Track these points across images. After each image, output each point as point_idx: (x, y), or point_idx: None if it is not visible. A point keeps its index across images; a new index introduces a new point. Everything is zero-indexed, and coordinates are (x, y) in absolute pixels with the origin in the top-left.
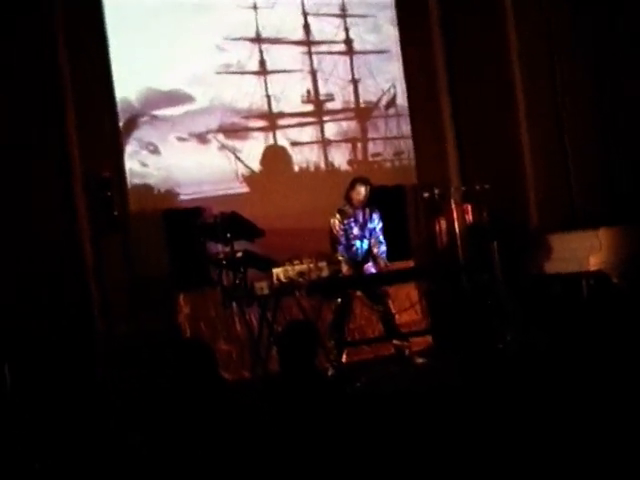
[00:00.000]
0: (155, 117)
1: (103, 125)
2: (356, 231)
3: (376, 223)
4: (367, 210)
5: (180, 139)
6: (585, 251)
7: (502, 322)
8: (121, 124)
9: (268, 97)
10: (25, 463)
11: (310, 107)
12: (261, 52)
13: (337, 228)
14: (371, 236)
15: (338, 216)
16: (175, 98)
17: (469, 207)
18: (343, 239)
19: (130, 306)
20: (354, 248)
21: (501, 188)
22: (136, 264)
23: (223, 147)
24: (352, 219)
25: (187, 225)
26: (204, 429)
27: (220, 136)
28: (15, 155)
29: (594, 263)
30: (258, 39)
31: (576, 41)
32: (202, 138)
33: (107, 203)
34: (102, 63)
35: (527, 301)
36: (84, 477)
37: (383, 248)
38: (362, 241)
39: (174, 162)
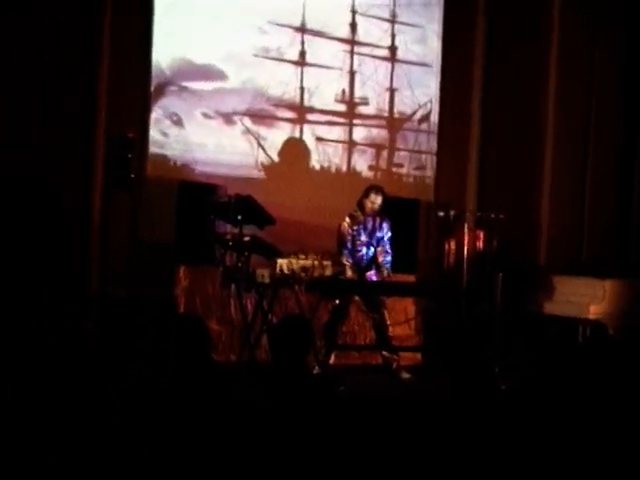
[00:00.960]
0: (184, 89)
1: (135, 87)
2: (364, 238)
3: (385, 232)
4: (377, 219)
5: (205, 115)
6: (588, 298)
7: (493, 352)
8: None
9: (302, 89)
10: None
11: (342, 107)
12: (303, 43)
13: (345, 232)
14: (378, 244)
15: (348, 220)
16: (208, 73)
17: (481, 234)
18: (350, 244)
19: (129, 269)
20: (360, 254)
21: (515, 220)
22: (142, 229)
23: (248, 131)
24: (362, 226)
25: (200, 200)
26: (186, 406)
27: (246, 120)
28: (43, 97)
29: (594, 312)
30: (302, 29)
31: (617, 89)
32: (228, 118)
33: (126, 163)
34: (144, 24)
35: (521, 337)
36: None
37: (388, 258)
38: (368, 248)
39: (195, 137)
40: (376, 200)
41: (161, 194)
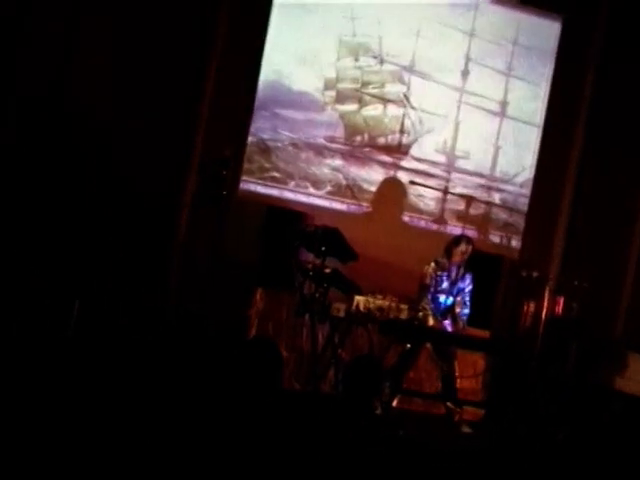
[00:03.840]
0: (276, 115)
1: (238, 105)
2: (445, 285)
3: (467, 284)
4: (462, 269)
5: (294, 146)
6: None
7: (558, 420)
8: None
9: (401, 132)
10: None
11: (441, 157)
12: (409, 84)
13: (429, 277)
14: (458, 295)
15: (433, 265)
16: (303, 102)
17: (561, 299)
18: (432, 289)
19: (207, 285)
20: (438, 301)
21: (597, 290)
22: (226, 248)
23: (337, 169)
24: (445, 273)
25: (286, 226)
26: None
27: (338, 157)
28: (149, 100)
29: None
30: (411, 69)
31: None
32: (318, 151)
33: (219, 181)
34: (256, 43)
35: (587, 408)
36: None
37: (466, 311)
38: (447, 297)
39: (279, 170)
40: (467, 250)
41: (247, 215)
